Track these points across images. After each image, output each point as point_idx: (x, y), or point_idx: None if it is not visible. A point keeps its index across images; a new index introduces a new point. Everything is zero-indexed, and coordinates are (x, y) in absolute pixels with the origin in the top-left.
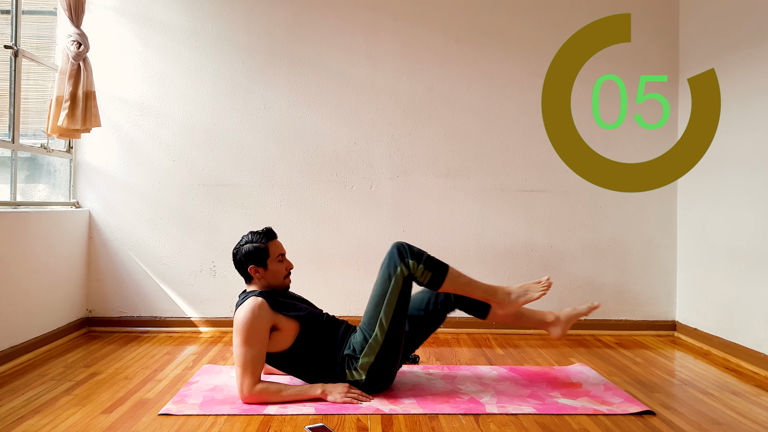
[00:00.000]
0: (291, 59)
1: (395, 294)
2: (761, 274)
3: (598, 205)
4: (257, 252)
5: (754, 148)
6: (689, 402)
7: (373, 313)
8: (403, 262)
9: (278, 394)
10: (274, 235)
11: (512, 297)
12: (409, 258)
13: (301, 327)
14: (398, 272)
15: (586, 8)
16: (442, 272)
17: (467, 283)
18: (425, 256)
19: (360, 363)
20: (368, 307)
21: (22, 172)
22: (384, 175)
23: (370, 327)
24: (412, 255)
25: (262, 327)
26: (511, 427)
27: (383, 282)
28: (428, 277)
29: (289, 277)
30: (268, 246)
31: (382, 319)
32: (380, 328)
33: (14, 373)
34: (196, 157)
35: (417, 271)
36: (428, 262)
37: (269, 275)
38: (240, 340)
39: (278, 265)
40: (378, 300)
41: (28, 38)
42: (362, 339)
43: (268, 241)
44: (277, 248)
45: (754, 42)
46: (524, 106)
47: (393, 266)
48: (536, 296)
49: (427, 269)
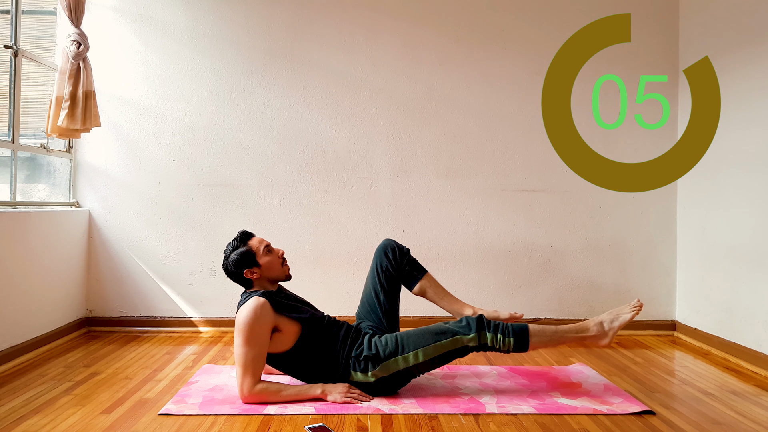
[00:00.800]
0: (291, 59)
1: (447, 348)
2: (761, 273)
3: (598, 205)
4: (243, 256)
5: (754, 148)
6: (689, 402)
7: (418, 340)
8: (477, 333)
9: (278, 394)
10: (249, 235)
11: (605, 326)
12: (487, 331)
13: (302, 329)
14: (467, 338)
15: (586, 8)
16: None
17: (554, 332)
18: (501, 327)
19: (376, 369)
20: (421, 329)
21: (22, 171)
22: (384, 174)
23: (407, 346)
24: (488, 327)
25: (263, 327)
26: (511, 426)
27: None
28: (512, 343)
29: (286, 263)
30: (249, 245)
31: (421, 352)
32: (414, 357)
33: (14, 373)
34: (196, 157)
35: (497, 343)
36: (505, 332)
37: (265, 270)
38: (241, 339)
39: (269, 256)
40: (431, 336)
41: (28, 38)
42: (393, 349)
43: (246, 240)
44: (258, 242)
45: (753, 41)
46: (524, 106)
47: (464, 329)
48: (629, 318)
49: (507, 337)
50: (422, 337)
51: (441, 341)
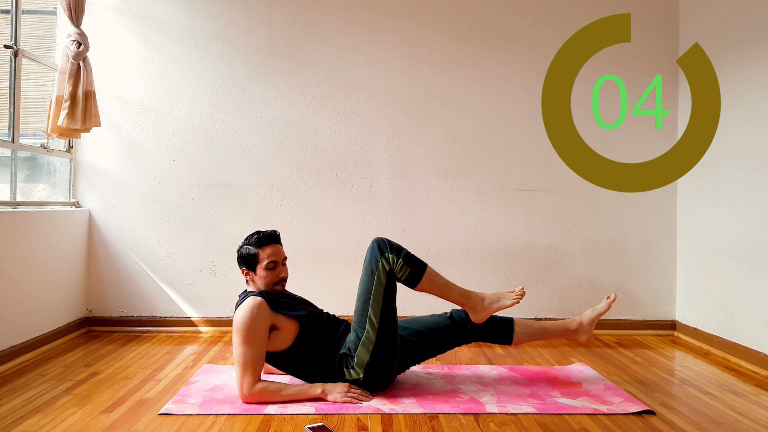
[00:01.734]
0: (291, 59)
1: (380, 289)
2: (761, 273)
3: (598, 205)
4: (248, 256)
5: (754, 148)
6: (689, 401)
7: (361, 310)
8: (383, 257)
9: (278, 394)
10: (269, 241)
11: (485, 303)
12: (388, 252)
13: (300, 327)
14: (380, 267)
15: (586, 8)
16: (420, 269)
17: (443, 284)
18: (404, 252)
19: (356, 361)
20: (356, 306)
21: (22, 171)
22: (384, 174)
23: (360, 325)
24: (391, 249)
25: (261, 326)
26: (511, 426)
27: (367, 279)
28: (406, 272)
29: (280, 284)
30: (259, 252)
31: (371, 316)
32: (371, 325)
33: (14, 373)
34: (196, 157)
35: (396, 266)
36: (407, 258)
37: (258, 280)
38: (239, 339)
39: (267, 272)
40: (365, 297)
41: (28, 38)
42: (355, 337)
43: (260, 246)
44: (270, 255)
45: (753, 41)
46: (524, 106)
47: (374, 261)
48: (509, 303)
49: (406, 265)
50: (361, 304)
51: (373, 292)
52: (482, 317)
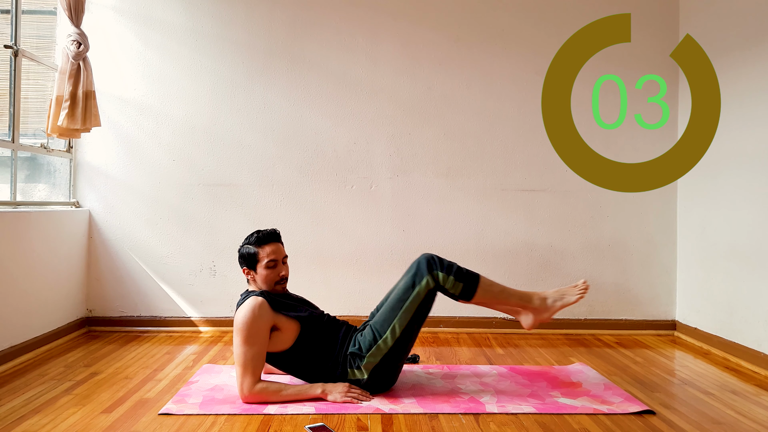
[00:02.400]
0: (291, 59)
1: (415, 304)
2: (761, 273)
3: (598, 205)
4: (248, 255)
5: (754, 148)
6: (689, 401)
7: (388, 316)
8: (430, 275)
9: (278, 394)
10: (269, 240)
11: (548, 302)
12: (437, 270)
13: (301, 328)
14: (423, 283)
15: (586, 8)
16: (474, 282)
17: (500, 291)
18: (455, 268)
19: (364, 362)
20: (384, 309)
21: (22, 171)
22: (384, 174)
23: (382, 329)
24: (441, 267)
25: (262, 326)
26: (511, 426)
27: (405, 289)
28: (459, 288)
29: (282, 283)
30: (259, 250)
31: (395, 324)
32: (392, 333)
33: (14, 373)
34: (196, 157)
35: (447, 283)
36: (459, 274)
37: (259, 279)
38: (240, 339)
39: (267, 271)
40: (396, 305)
41: (28, 38)
42: (371, 339)
43: (260, 245)
44: (270, 253)
45: (754, 42)
46: (524, 106)
47: (419, 276)
48: (574, 300)
49: (458, 280)
50: (390, 311)
51: (406, 304)
52: (546, 318)
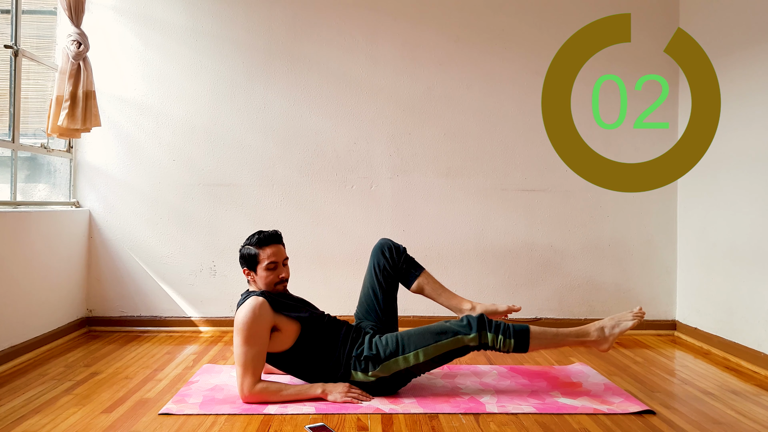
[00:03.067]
0: (291, 59)
1: (448, 348)
2: (761, 273)
3: (598, 205)
4: (249, 256)
5: (754, 148)
6: (689, 401)
7: (418, 340)
8: (478, 333)
9: (278, 394)
10: (271, 241)
11: (606, 332)
12: (488, 331)
13: (302, 328)
14: (468, 337)
15: (586, 8)
16: (525, 337)
17: (554, 335)
18: (503, 327)
19: (376, 370)
20: (420, 330)
21: (22, 171)
22: (384, 174)
23: (407, 347)
24: (490, 327)
25: (262, 326)
26: (511, 426)
27: (447, 331)
28: (512, 345)
29: (281, 284)
30: (260, 252)
31: (422, 352)
32: (415, 357)
33: (14, 373)
34: (196, 157)
35: (498, 344)
36: (506, 332)
37: (259, 280)
38: (240, 339)
39: (267, 272)
40: (432, 336)
41: (28, 38)
42: (393, 350)
43: (261, 246)
44: (270, 255)
45: (754, 42)
46: (524, 106)
47: (465, 328)
48: (630, 325)
49: (508, 339)
50: (423, 336)
51: (442, 341)
52: (606, 349)
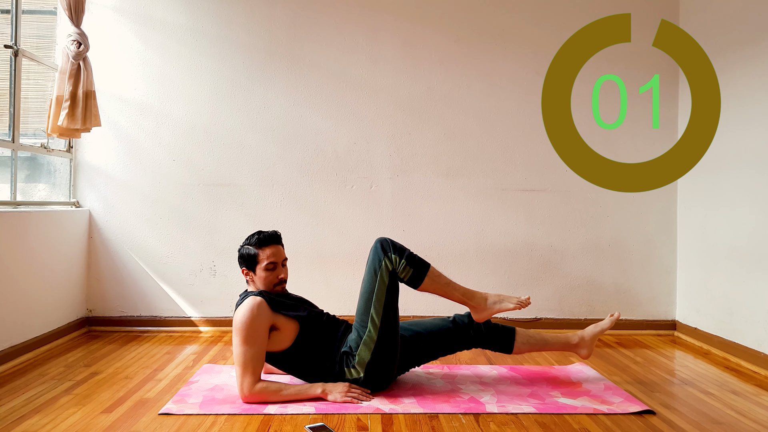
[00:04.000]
0: (291, 59)
1: (383, 288)
2: (761, 273)
3: (598, 205)
4: (248, 256)
5: (754, 148)
6: (689, 401)
7: (363, 309)
8: (386, 257)
9: (278, 394)
10: (270, 241)
11: (488, 303)
12: (391, 252)
13: (300, 327)
14: (383, 267)
15: (586, 8)
16: (423, 270)
17: (446, 283)
18: (407, 253)
19: (357, 360)
20: (359, 305)
21: (22, 171)
22: (384, 174)
23: (362, 324)
24: (394, 249)
25: (261, 326)
26: (511, 426)
27: (370, 278)
28: (409, 273)
29: (280, 285)
30: (259, 252)
31: (373, 315)
32: (372, 324)
33: (14, 373)
34: (196, 157)
35: (399, 267)
36: (410, 259)
37: (258, 281)
38: (240, 339)
39: (267, 273)
40: (367, 296)
41: (28, 38)
42: (356, 336)
43: (260, 246)
44: (269, 255)
45: (753, 41)
46: (524, 106)
47: (378, 261)
48: (511, 307)
49: (408, 265)
50: (363, 300)
51: (375, 289)
52: (484, 317)
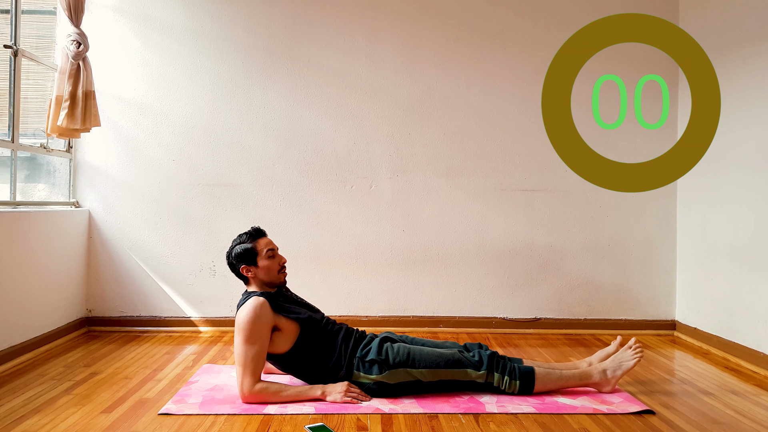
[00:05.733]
0: (291, 59)
1: (455, 377)
2: (761, 273)
3: (598, 205)
4: (246, 252)
5: (754, 148)
6: (689, 401)
7: (429, 360)
8: (486, 372)
9: (278, 395)
10: (261, 233)
11: (609, 374)
12: (496, 371)
13: (300, 329)
14: (475, 373)
15: (586, 8)
16: (530, 378)
17: (558, 377)
18: (509, 368)
19: (382, 374)
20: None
21: (21, 171)
22: (384, 174)
23: (416, 363)
24: (497, 367)
25: (263, 326)
26: (510, 426)
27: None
28: (517, 386)
29: (283, 271)
30: (255, 245)
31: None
32: (420, 375)
33: (14, 373)
34: (196, 157)
35: (503, 385)
36: (512, 374)
37: (262, 272)
38: (241, 338)
39: (269, 261)
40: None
41: (28, 38)
42: (403, 360)
43: (255, 239)
44: (265, 245)
45: (753, 41)
46: (524, 106)
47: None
48: (632, 365)
49: (513, 380)
50: (434, 359)
51: (450, 369)
52: (611, 388)
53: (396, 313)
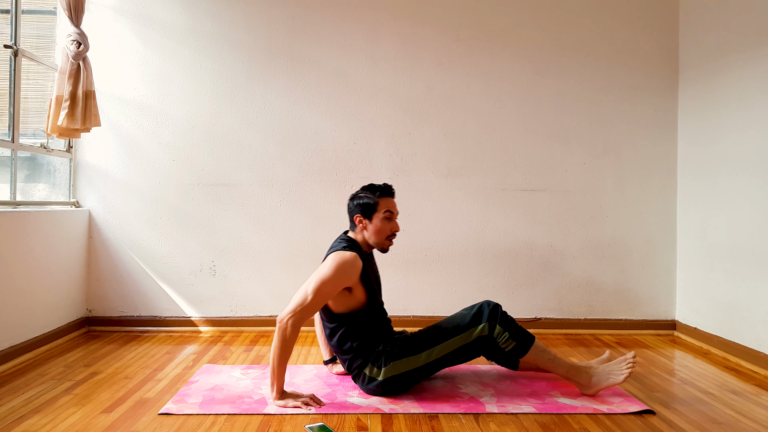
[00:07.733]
0: (291, 58)
1: (461, 342)
2: (761, 273)
3: (598, 204)
4: (366, 204)
5: (754, 148)
6: (689, 401)
7: (432, 338)
8: (489, 323)
9: (284, 353)
10: (389, 193)
11: (593, 380)
12: (497, 322)
13: (367, 302)
14: (478, 329)
15: (587, 8)
16: (528, 343)
17: (551, 359)
18: (513, 325)
19: (388, 366)
20: (432, 327)
21: (21, 171)
22: (384, 174)
23: (420, 346)
24: (500, 320)
25: (344, 279)
26: (511, 426)
27: (458, 326)
28: (512, 345)
29: (392, 239)
30: (379, 201)
31: (435, 349)
32: (428, 355)
33: (14, 373)
34: (196, 157)
35: (501, 338)
36: (515, 332)
37: (372, 230)
38: (318, 281)
39: (384, 222)
40: (444, 333)
41: (28, 38)
42: (407, 349)
43: (381, 196)
44: (387, 205)
45: (753, 42)
46: (524, 106)
47: (477, 319)
48: (621, 380)
49: (512, 338)
50: (438, 330)
51: (455, 336)
52: (592, 393)
53: (396, 313)
